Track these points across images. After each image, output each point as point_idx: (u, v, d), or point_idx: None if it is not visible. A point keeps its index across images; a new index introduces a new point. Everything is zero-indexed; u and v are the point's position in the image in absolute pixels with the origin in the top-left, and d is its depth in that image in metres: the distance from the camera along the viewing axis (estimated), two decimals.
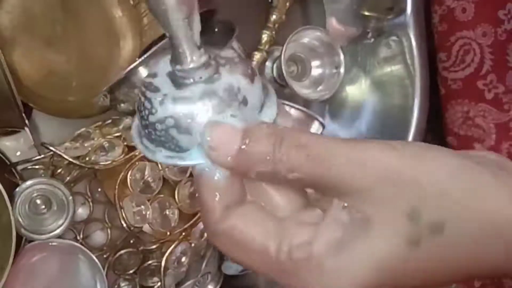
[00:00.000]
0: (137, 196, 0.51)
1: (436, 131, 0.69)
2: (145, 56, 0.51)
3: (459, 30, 0.64)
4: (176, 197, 0.52)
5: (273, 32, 0.61)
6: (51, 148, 0.50)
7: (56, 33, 0.58)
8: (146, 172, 0.51)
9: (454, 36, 0.64)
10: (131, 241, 0.56)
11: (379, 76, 0.63)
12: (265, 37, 0.61)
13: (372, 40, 0.63)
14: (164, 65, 0.31)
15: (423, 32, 0.61)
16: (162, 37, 0.56)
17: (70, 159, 0.50)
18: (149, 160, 0.52)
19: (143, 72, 0.52)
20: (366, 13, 0.62)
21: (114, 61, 0.59)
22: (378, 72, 0.63)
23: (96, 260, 0.53)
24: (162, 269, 0.53)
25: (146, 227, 0.53)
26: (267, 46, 0.62)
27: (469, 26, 0.63)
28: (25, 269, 0.52)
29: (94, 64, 0.58)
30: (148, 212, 0.51)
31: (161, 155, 0.30)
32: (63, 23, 0.58)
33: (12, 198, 0.50)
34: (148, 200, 0.52)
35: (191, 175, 0.54)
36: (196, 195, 0.54)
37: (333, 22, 0.65)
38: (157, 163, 0.52)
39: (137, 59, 0.53)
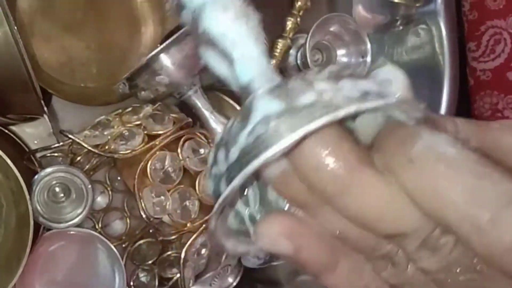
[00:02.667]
0: (157, 186, 0.50)
1: None
2: (167, 42, 0.50)
3: (490, 19, 0.62)
4: (197, 187, 0.51)
5: (298, 19, 0.60)
6: (70, 135, 0.49)
7: (76, 18, 0.57)
8: (166, 162, 0.50)
9: (485, 25, 0.62)
10: (150, 231, 0.55)
11: (406, 65, 0.61)
12: (289, 24, 0.60)
13: (400, 28, 0.61)
14: None
15: (453, 21, 0.59)
16: None
17: (89, 147, 0.49)
18: (169, 149, 0.51)
19: (164, 59, 0.51)
20: (395, 0, 0.60)
21: (135, 48, 0.58)
22: (406, 61, 0.61)
23: (115, 250, 0.53)
24: (181, 261, 0.52)
25: (165, 218, 0.52)
26: (291, 34, 0.60)
27: (500, 15, 0.61)
28: (43, 257, 0.52)
29: (114, 50, 0.57)
30: (168, 203, 0.50)
31: None
32: (84, 8, 0.57)
33: (30, 185, 0.49)
34: (168, 191, 0.51)
35: None
36: None
37: (360, 10, 0.63)
38: (177, 153, 0.50)
39: (158, 45, 0.51)
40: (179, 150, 0.51)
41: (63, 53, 0.56)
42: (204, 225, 0.53)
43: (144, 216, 0.49)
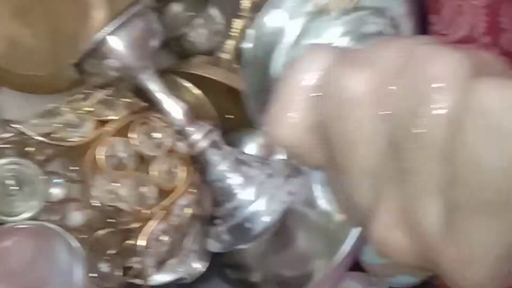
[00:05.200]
0: (110, 173, 0.49)
1: None
2: (113, 24, 0.49)
3: None
4: (152, 173, 0.50)
5: None
6: (16, 126, 0.48)
7: (23, 4, 0.55)
8: (119, 148, 0.49)
9: None
10: (110, 221, 0.54)
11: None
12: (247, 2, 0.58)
13: None
14: None
15: None
16: (134, 3, 0.54)
17: (38, 137, 0.48)
18: (121, 135, 0.50)
19: (112, 41, 0.50)
20: None
21: (84, 33, 0.57)
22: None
23: (74, 242, 0.51)
24: (142, 249, 0.51)
25: (123, 206, 0.51)
26: (249, 13, 0.59)
27: None
28: None
29: (62, 36, 0.55)
30: (122, 190, 0.49)
31: None
32: None
33: None
34: (123, 178, 0.49)
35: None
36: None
37: None
38: (130, 138, 0.49)
39: (105, 28, 0.50)
40: (131, 135, 0.50)
41: (8, 40, 0.54)
42: (164, 211, 0.52)
43: (98, 204, 0.48)
